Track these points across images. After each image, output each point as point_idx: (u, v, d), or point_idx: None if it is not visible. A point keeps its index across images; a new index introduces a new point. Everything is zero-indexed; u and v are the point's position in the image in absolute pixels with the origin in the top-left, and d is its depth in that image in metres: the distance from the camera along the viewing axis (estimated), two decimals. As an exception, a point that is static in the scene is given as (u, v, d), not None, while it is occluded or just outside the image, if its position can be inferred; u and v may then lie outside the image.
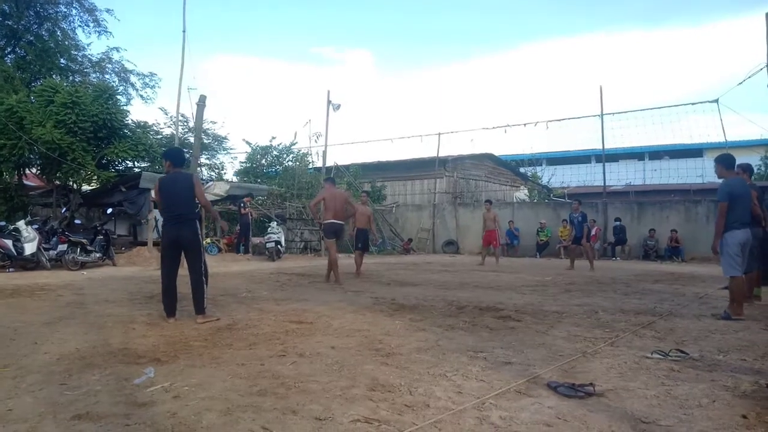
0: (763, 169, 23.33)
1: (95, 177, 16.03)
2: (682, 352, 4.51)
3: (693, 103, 18.90)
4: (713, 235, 6.51)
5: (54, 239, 12.70)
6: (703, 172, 26.61)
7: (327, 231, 10.34)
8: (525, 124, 22.59)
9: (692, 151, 30.52)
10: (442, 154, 24.96)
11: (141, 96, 23.27)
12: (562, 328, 5.66)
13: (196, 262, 6.08)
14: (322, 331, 5.47)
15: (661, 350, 4.54)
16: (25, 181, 18.74)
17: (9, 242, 11.84)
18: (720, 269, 6.73)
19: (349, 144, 41.79)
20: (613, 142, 21.75)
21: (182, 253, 6.13)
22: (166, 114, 22.67)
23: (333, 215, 10.11)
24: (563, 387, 3.48)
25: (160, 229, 16.47)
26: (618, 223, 19.82)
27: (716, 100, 17.99)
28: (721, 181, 6.66)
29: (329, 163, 22.16)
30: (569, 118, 22.76)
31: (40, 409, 3.12)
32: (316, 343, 4.89)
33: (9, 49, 20.71)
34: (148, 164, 17.87)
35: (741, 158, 7.32)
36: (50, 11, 20.77)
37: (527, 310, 6.82)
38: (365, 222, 12.05)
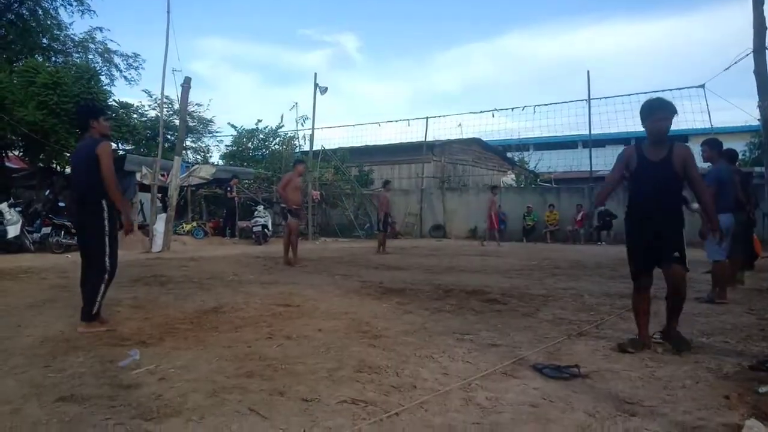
0: (747, 154, 23.50)
1: (79, 159, 15.76)
2: (666, 334, 4.55)
3: (679, 89, 18.69)
4: (700, 220, 6.55)
5: (38, 222, 12.56)
6: (688, 158, 26.74)
7: None
8: (512, 109, 22.30)
9: (678, 137, 30.52)
10: (430, 138, 24.86)
11: (125, 77, 22.89)
12: (547, 311, 5.70)
13: (96, 255, 4.86)
14: (309, 314, 5.46)
15: (646, 333, 4.58)
16: (7, 163, 18.42)
17: (-9, 225, 11.69)
18: (703, 253, 6.80)
19: (336, 127, 41.33)
20: (600, 128, 21.72)
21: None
22: (151, 96, 22.29)
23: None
24: (548, 369, 3.51)
25: (146, 212, 16.37)
26: (604, 207, 19.92)
27: (702, 86, 18.03)
28: (706, 165, 6.70)
29: (316, 146, 22.03)
30: (556, 103, 22.66)
31: (24, 391, 3.09)
32: (303, 325, 4.88)
33: (-11, 29, 20.23)
34: (133, 146, 17.64)
35: (727, 144, 7.36)
36: (31, -11, 20.28)
37: (513, 294, 6.86)
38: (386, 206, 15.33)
